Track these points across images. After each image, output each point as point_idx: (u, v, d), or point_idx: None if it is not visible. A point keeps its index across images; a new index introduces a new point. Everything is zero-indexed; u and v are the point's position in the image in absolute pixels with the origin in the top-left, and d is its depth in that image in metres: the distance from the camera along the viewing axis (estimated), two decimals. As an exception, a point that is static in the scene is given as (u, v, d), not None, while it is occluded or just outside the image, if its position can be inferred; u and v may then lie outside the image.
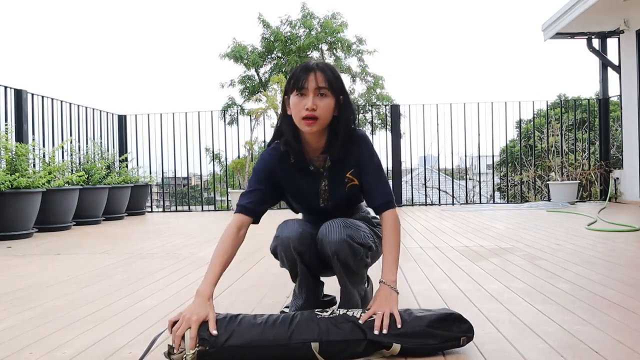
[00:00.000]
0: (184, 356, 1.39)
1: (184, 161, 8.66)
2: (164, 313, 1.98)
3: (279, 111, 1.76)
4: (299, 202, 1.78)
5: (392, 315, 1.48)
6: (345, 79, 19.46)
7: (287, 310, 1.83)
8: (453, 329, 1.47)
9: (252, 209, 1.66)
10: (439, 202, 8.98)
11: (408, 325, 1.47)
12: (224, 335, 1.42)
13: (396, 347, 1.43)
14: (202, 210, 8.90)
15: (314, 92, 1.58)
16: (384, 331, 1.44)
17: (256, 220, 1.69)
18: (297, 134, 1.66)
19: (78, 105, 7.36)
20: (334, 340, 1.43)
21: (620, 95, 7.76)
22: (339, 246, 1.60)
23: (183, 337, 1.41)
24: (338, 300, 1.87)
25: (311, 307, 1.71)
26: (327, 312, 1.51)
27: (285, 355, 1.42)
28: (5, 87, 5.92)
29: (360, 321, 1.47)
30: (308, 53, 18.09)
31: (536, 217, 5.79)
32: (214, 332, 1.41)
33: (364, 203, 1.86)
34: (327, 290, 1.91)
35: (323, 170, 1.71)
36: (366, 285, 1.86)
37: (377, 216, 1.74)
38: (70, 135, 7.09)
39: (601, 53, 8.04)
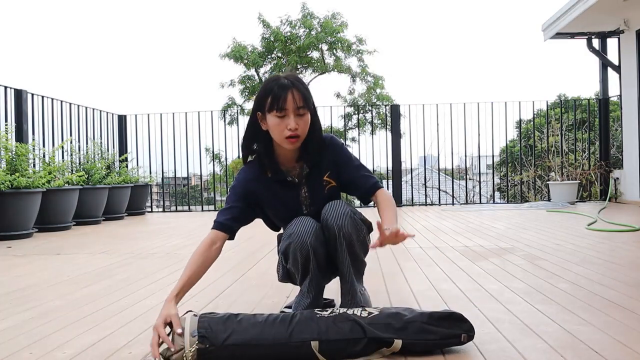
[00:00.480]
0: (184, 355, 1.39)
1: (184, 161, 8.67)
2: (164, 313, 1.97)
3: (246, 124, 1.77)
4: (282, 213, 1.81)
5: (392, 315, 1.48)
6: (345, 79, 19.49)
7: (287, 310, 1.83)
8: (454, 327, 1.48)
9: (228, 226, 1.70)
10: (439, 202, 8.97)
11: (409, 319, 1.47)
12: (223, 334, 1.42)
13: (397, 343, 1.43)
14: (202, 210, 8.89)
15: (294, 112, 1.62)
16: (400, 230, 1.49)
17: (231, 237, 1.73)
18: (270, 148, 1.72)
19: (78, 105, 7.36)
20: (334, 339, 1.43)
21: (620, 95, 7.76)
22: (343, 220, 1.65)
23: (180, 335, 1.42)
24: (337, 302, 1.87)
25: (314, 307, 1.72)
26: (327, 311, 1.51)
27: (285, 354, 1.42)
28: (5, 87, 5.92)
29: (375, 224, 1.52)
30: (308, 53, 18.08)
31: (536, 217, 5.79)
32: (178, 330, 1.41)
33: None
34: (326, 293, 1.91)
35: (301, 178, 1.76)
36: (364, 288, 1.86)
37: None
38: (70, 135, 7.09)
39: (601, 53, 8.04)
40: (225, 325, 1.44)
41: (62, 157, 6.69)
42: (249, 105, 17.68)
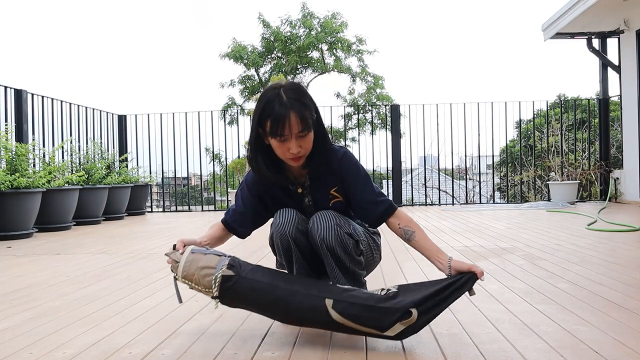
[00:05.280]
0: (212, 279, 1.51)
1: (184, 161, 8.69)
2: (164, 313, 1.98)
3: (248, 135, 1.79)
4: None
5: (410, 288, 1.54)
6: (345, 79, 19.48)
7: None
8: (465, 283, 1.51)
9: (232, 227, 1.80)
10: (439, 202, 8.98)
11: (425, 288, 1.51)
12: (249, 272, 1.53)
13: (414, 314, 1.43)
14: (202, 210, 8.89)
15: (295, 136, 1.56)
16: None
17: (239, 236, 1.81)
18: (276, 159, 1.66)
19: (78, 105, 7.36)
20: (349, 302, 1.46)
21: (620, 95, 7.76)
22: (326, 232, 1.61)
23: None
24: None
25: None
26: (344, 287, 1.56)
27: (300, 303, 1.48)
28: (5, 87, 5.92)
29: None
30: (308, 53, 18.09)
31: (536, 217, 5.79)
32: (181, 249, 1.62)
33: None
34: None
35: (303, 189, 1.73)
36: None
37: (377, 228, 1.80)
38: (70, 135, 7.09)
39: (601, 53, 8.04)
40: (252, 267, 1.55)
41: (62, 157, 6.69)
42: (249, 105, 17.69)
